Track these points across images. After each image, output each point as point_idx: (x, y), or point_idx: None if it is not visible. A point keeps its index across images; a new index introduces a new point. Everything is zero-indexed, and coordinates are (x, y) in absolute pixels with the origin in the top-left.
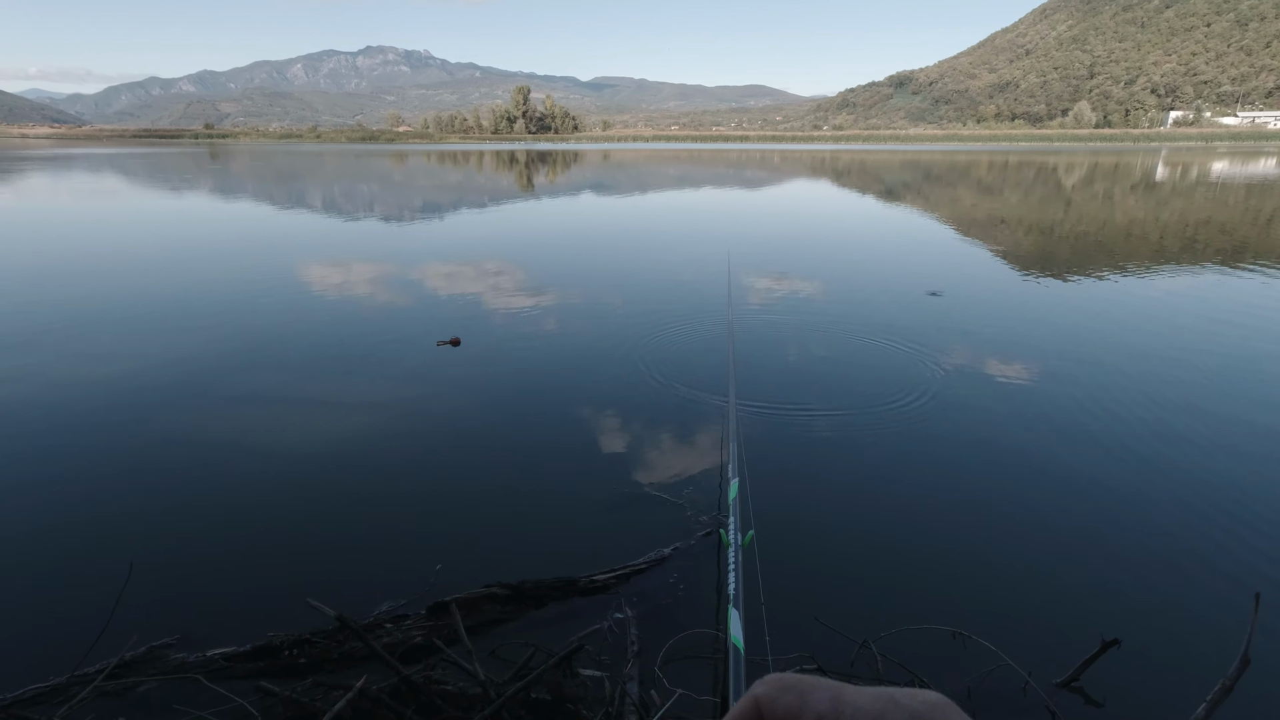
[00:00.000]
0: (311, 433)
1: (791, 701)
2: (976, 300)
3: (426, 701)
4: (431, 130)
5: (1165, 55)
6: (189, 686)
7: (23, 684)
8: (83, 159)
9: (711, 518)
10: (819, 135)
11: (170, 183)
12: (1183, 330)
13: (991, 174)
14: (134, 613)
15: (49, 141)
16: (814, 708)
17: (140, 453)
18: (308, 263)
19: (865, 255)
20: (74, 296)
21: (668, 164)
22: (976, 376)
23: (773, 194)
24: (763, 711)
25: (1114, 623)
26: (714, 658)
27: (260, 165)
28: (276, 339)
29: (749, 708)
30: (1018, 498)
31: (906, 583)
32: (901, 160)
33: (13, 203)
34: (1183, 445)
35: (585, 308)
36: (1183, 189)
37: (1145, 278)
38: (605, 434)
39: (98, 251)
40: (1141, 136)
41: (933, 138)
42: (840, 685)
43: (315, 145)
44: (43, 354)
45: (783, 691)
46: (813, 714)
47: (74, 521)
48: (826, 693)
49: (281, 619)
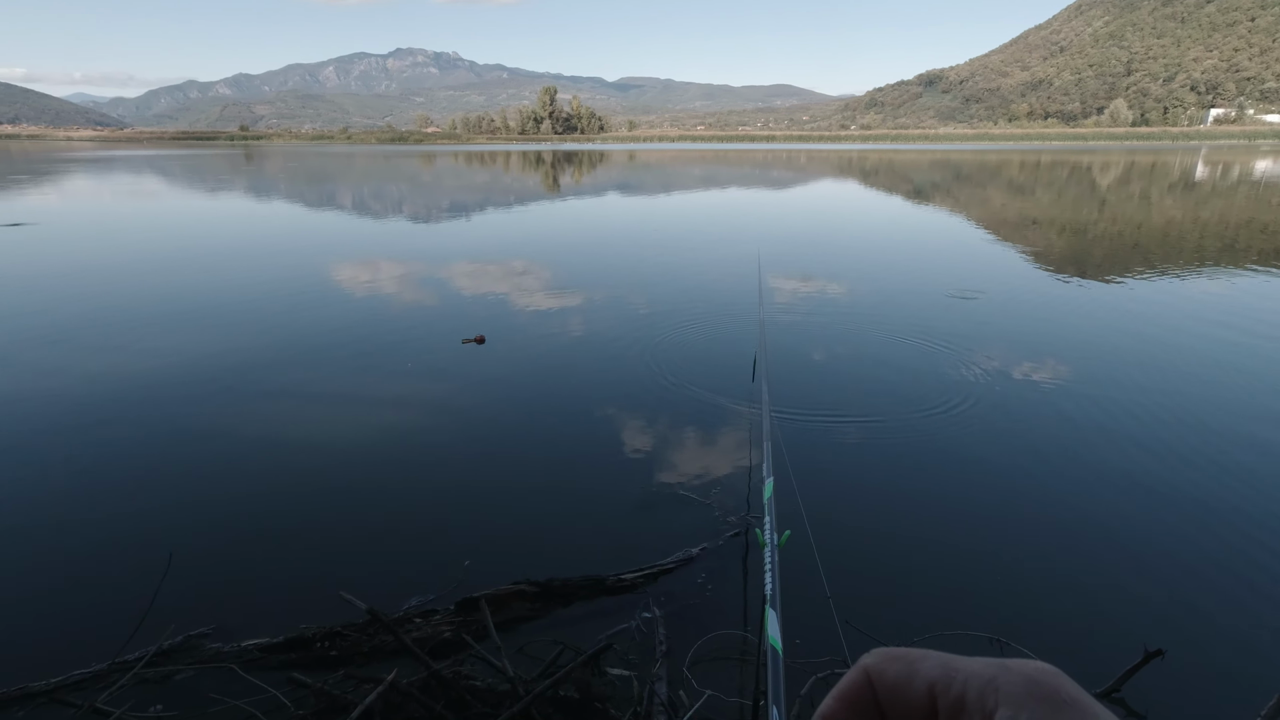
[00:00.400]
0: (343, 427)
1: (901, 670)
2: (1011, 301)
3: (456, 697)
4: (459, 131)
5: (1206, 51)
6: (224, 676)
7: (66, 669)
8: (123, 161)
9: (740, 518)
10: (846, 135)
11: (206, 184)
12: (1229, 333)
13: (1023, 173)
14: (172, 601)
15: (92, 144)
16: (924, 675)
17: (179, 446)
18: (339, 262)
19: (894, 256)
20: (113, 293)
21: (693, 164)
22: (1012, 379)
23: (799, 194)
24: (873, 681)
25: (1157, 633)
26: (743, 659)
27: (293, 166)
28: (309, 335)
29: (859, 678)
30: (1057, 503)
31: (941, 587)
32: (930, 160)
33: (58, 204)
34: (1229, 450)
35: (611, 308)
36: (1223, 189)
37: (1184, 279)
38: (632, 433)
39: (137, 249)
40: (1180, 135)
41: (963, 137)
42: (949, 655)
43: (346, 146)
44: (84, 348)
45: (891, 661)
46: (924, 681)
47: (116, 514)
48: (936, 660)
49: (313, 611)
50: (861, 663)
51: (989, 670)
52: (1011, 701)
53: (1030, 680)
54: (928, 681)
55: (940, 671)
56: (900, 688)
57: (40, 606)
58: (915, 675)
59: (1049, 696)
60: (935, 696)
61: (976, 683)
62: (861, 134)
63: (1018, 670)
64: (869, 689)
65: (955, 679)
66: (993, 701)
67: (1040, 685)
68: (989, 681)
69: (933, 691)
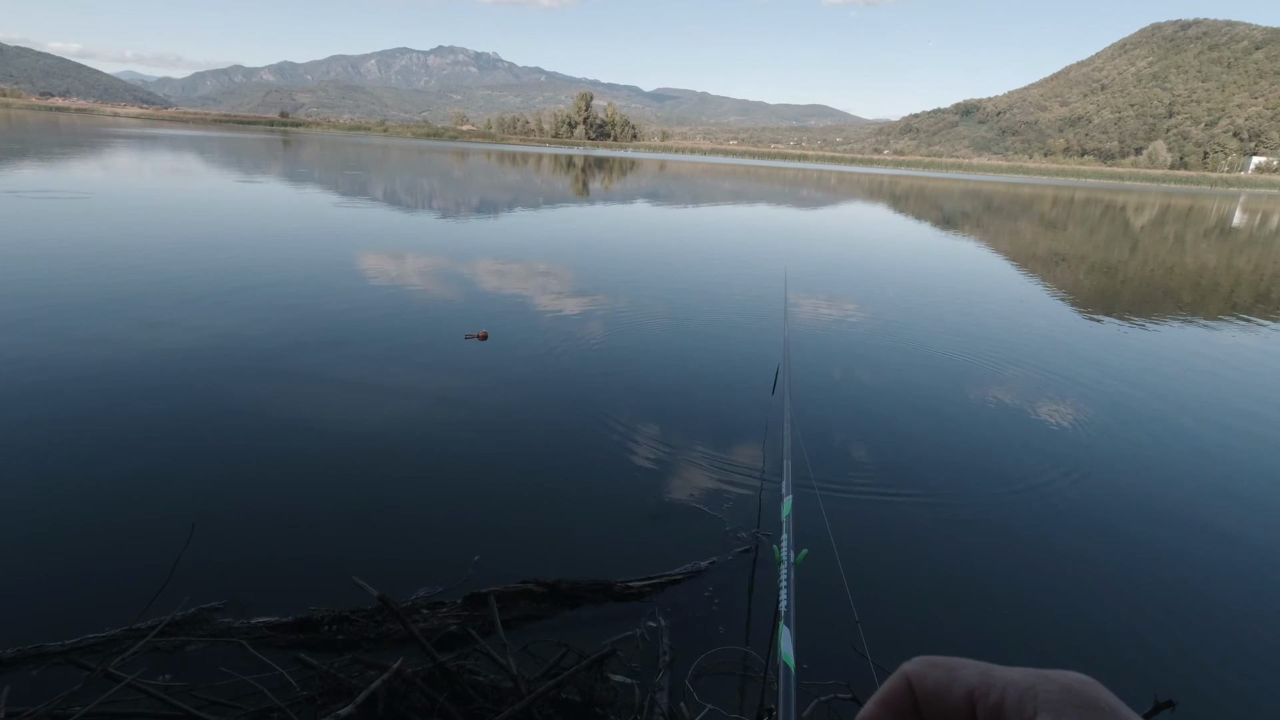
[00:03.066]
0: (366, 414)
1: (941, 676)
2: (1033, 335)
3: (459, 690)
4: (494, 130)
5: (1252, 98)
6: (233, 650)
7: (83, 632)
8: (166, 139)
9: (751, 534)
10: (879, 159)
11: (244, 167)
12: (1254, 388)
13: (1056, 209)
14: (189, 572)
15: (137, 121)
16: (964, 681)
17: (210, 421)
18: (368, 252)
19: (919, 282)
20: (160, 267)
21: (724, 178)
22: (1023, 413)
23: (828, 215)
24: (913, 686)
25: (1169, 683)
26: (745, 675)
27: (329, 155)
28: (339, 322)
29: (900, 684)
30: (1068, 546)
31: (949, 619)
32: (963, 189)
33: (101, 179)
34: (1236, 502)
35: (633, 315)
36: (1261, 237)
37: (1212, 328)
38: (648, 440)
39: (171, 229)
40: (1220, 181)
41: (997, 168)
42: (987, 664)
43: (382, 138)
44: (119, 321)
45: (932, 667)
46: (963, 687)
47: (143, 483)
48: (975, 668)
49: (323, 593)
50: (902, 669)
51: (1027, 678)
52: (1051, 708)
53: (1069, 689)
54: (967, 687)
55: (979, 678)
56: (940, 693)
57: (69, 566)
58: (955, 681)
59: (1087, 704)
60: (974, 702)
61: (1015, 690)
62: (894, 159)
63: (1056, 679)
64: (909, 694)
65: (994, 686)
66: (1031, 708)
67: (1079, 694)
68: (1028, 689)
69: (972, 698)
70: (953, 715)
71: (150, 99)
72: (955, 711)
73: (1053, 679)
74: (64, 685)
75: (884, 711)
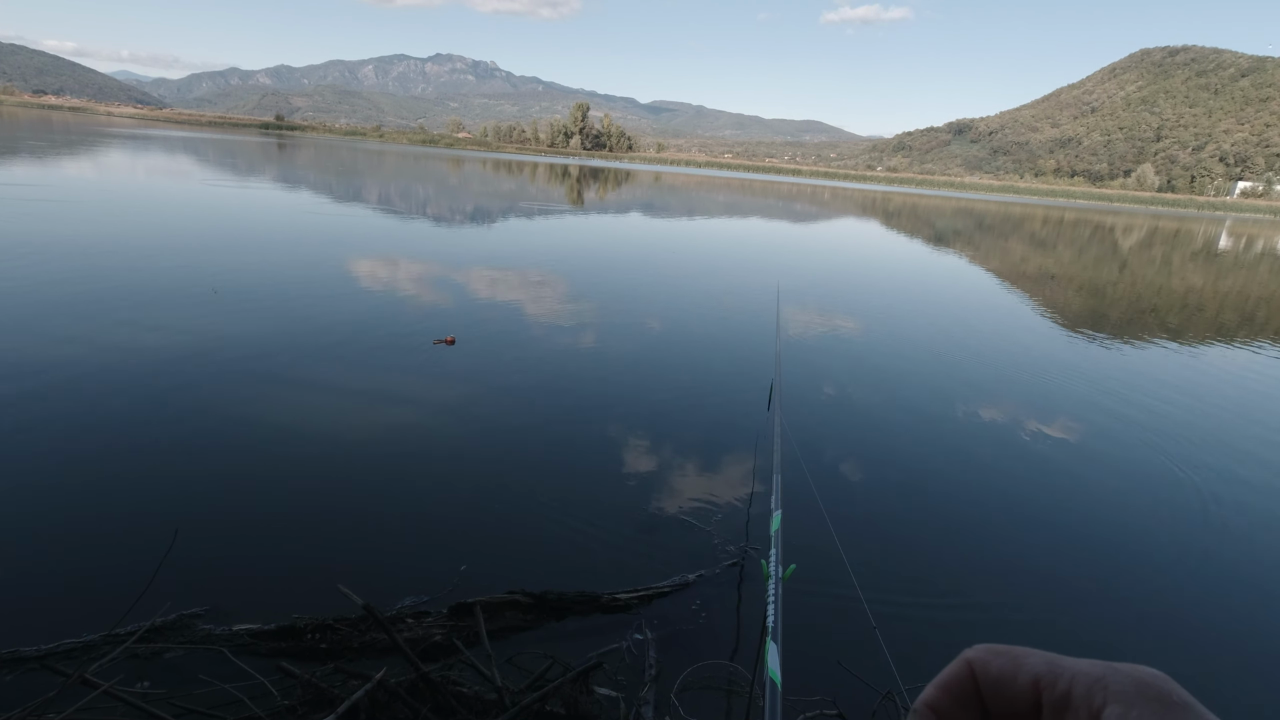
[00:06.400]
0: (353, 421)
1: (1005, 664)
2: (1028, 351)
3: (443, 702)
4: (489, 139)
5: (1238, 124)
6: (214, 658)
7: (60, 637)
8: (160, 140)
9: (739, 548)
10: (872, 175)
11: (238, 169)
12: (1247, 405)
13: (1046, 228)
14: (171, 576)
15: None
16: (1030, 669)
17: (195, 424)
18: (360, 257)
19: (910, 296)
20: (128, 269)
21: (718, 191)
22: (1011, 426)
23: (821, 230)
24: (976, 673)
25: None
26: (730, 690)
27: (323, 159)
28: (325, 328)
29: (962, 670)
30: (1064, 555)
31: (936, 636)
32: (955, 206)
33: (92, 175)
34: (1250, 525)
35: (625, 326)
36: (1246, 260)
37: (1187, 349)
38: (637, 452)
39: (158, 229)
40: (1206, 204)
41: (988, 187)
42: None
43: (378, 144)
44: (99, 323)
45: (995, 655)
46: (1029, 675)
47: (126, 486)
48: (1041, 657)
49: (305, 601)
50: (964, 655)
51: (1096, 670)
52: (1122, 699)
53: (1140, 682)
54: (1033, 676)
55: (1046, 667)
56: (1005, 680)
57: (47, 568)
58: (1020, 669)
59: (1160, 698)
60: (1040, 691)
61: (1084, 680)
62: (887, 175)
63: (1127, 672)
64: (971, 680)
65: (1062, 675)
66: (1100, 699)
67: (1151, 686)
68: (1097, 680)
69: (1038, 686)
70: (1016, 702)
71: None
72: (1020, 699)
73: (1123, 671)
74: (39, 691)
75: (945, 696)
